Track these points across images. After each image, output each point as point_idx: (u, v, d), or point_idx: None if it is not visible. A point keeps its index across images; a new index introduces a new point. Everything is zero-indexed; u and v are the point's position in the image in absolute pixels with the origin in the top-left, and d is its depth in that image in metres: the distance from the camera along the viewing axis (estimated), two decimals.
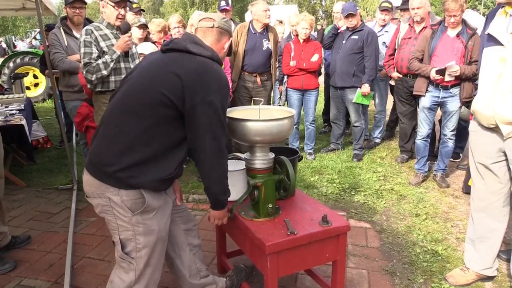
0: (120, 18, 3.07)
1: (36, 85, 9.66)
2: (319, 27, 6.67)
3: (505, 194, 2.37)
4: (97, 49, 3.01)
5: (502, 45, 2.16)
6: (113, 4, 2.99)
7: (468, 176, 3.79)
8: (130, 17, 4.38)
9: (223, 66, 4.18)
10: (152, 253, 1.81)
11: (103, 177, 1.70)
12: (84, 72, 3.00)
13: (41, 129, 5.46)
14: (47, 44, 4.09)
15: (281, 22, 6.31)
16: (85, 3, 3.99)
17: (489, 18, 2.32)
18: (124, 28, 3.11)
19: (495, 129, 2.26)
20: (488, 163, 2.35)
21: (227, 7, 5.01)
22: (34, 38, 15.98)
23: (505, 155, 2.28)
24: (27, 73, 9.23)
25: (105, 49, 3.03)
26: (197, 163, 1.81)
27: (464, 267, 2.59)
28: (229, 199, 2.25)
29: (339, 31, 4.86)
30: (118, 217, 1.74)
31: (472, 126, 2.45)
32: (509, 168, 2.29)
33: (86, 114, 3.53)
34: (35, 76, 9.53)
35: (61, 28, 3.89)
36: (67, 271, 2.63)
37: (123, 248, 1.79)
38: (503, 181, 2.34)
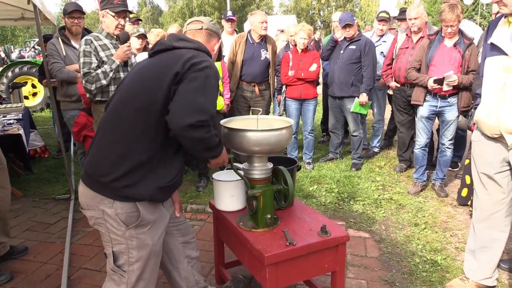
0: (119, 28, 3.10)
1: (34, 94, 9.67)
2: None
3: (507, 204, 2.36)
4: (97, 59, 3.03)
5: (506, 54, 2.16)
6: (113, 14, 3.02)
7: (462, 187, 3.77)
8: (129, 27, 4.42)
9: (221, 75, 4.22)
10: (145, 267, 1.78)
11: (99, 188, 1.68)
12: (83, 82, 3.01)
13: (38, 139, 5.45)
14: (45, 53, 4.10)
15: (282, 31, 6.37)
16: (84, 13, 4.01)
17: (491, 27, 2.31)
18: (123, 38, 3.14)
19: (499, 139, 2.26)
20: (491, 173, 2.34)
21: (233, 17, 5.10)
22: (33, 48, 16.06)
23: (509, 164, 2.27)
24: (26, 82, 9.25)
25: (105, 59, 3.05)
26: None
27: (464, 277, 2.57)
28: (228, 209, 2.27)
29: (337, 42, 4.89)
30: (111, 231, 1.72)
31: (475, 136, 2.44)
32: None
33: (84, 123, 3.54)
34: (33, 86, 9.54)
35: (59, 38, 3.91)
36: (64, 282, 2.60)
37: (115, 261, 1.76)
38: (506, 191, 2.33)
